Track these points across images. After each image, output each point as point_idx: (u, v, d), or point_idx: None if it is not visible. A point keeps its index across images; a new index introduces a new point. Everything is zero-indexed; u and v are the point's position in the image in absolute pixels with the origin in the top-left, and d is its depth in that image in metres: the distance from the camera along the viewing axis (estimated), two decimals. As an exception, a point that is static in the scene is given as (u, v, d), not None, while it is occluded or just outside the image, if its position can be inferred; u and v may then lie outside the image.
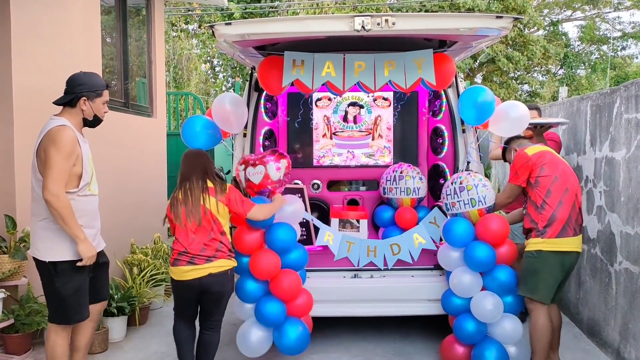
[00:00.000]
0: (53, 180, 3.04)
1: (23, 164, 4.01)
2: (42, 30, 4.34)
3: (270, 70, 3.79)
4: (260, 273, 3.68)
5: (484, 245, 3.74)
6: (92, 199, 3.31)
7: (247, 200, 3.55)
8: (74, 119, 3.22)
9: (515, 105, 4.06)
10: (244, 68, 19.04)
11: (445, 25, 3.33)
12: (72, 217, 3.11)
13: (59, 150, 3.05)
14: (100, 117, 3.33)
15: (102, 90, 3.29)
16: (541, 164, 3.59)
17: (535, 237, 3.59)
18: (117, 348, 4.37)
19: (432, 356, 4.14)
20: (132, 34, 6.08)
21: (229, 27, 3.21)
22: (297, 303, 3.79)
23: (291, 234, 3.76)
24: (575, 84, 21.11)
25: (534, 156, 3.63)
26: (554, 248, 3.52)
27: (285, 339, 3.73)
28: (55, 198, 3.04)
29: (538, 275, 3.56)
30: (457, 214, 3.89)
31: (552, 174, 3.56)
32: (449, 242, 3.90)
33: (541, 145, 3.81)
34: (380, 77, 3.74)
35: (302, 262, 3.88)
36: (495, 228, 3.72)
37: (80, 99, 3.21)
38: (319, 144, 5.02)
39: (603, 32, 22.87)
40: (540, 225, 3.56)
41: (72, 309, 3.21)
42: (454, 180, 3.93)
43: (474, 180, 3.83)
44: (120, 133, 5.44)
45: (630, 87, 3.82)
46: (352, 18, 3.20)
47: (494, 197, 3.87)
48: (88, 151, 3.28)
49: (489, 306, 3.68)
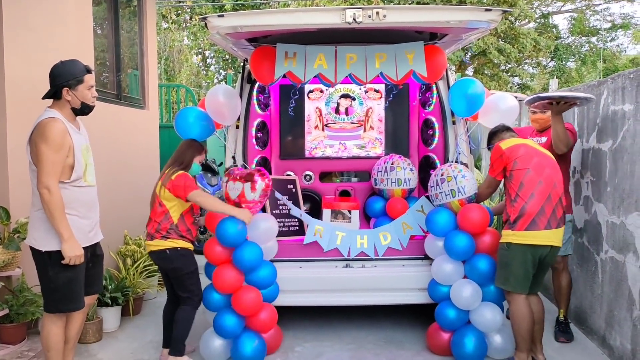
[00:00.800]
0: (45, 173, 3.06)
1: (16, 156, 4.03)
2: (34, 22, 4.34)
3: (262, 60, 3.83)
4: (221, 288, 3.79)
5: (463, 234, 3.82)
6: (89, 189, 3.30)
7: (193, 186, 3.66)
8: (63, 111, 3.22)
9: (504, 97, 4.13)
10: (235, 60, 19.02)
11: (435, 17, 3.38)
12: (61, 214, 3.10)
13: (48, 143, 3.05)
14: (88, 103, 3.27)
15: (82, 76, 3.22)
16: (514, 157, 3.62)
17: (506, 229, 3.65)
18: (112, 337, 4.42)
19: (421, 344, 4.21)
20: (124, 26, 6.07)
21: (222, 19, 3.24)
22: (258, 318, 3.84)
23: (256, 254, 3.76)
24: (566, 77, 21.25)
25: (507, 150, 3.66)
26: (521, 241, 3.55)
27: (240, 352, 3.78)
28: (47, 191, 3.05)
29: (509, 267, 3.60)
30: (441, 205, 3.97)
31: (524, 167, 3.59)
32: (431, 232, 4.01)
33: (517, 139, 3.78)
34: (372, 69, 3.78)
35: (269, 280, 3.89)
36: (474, 218, 3.80)
37: (62, 90, 3.19)
38: (311, 136, 5.07)
39: (593, 23, 23.01)
40: (511, 218, 3.61)
41: (66, 298, 3.23)
42: (437, 173, 4.00)
43: (453, 172, 3.91)
44: (112, 125, 5.46)
45: (617, 79, 3.89)
46: (343, 10, 3.24)
47: (475, 188, 3.94)
48: (82, 142, 3.27)
49: (466, 293, 3.76)
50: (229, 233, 3.67)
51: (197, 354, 3.98)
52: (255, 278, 3.81)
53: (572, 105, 3.97)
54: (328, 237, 4.23)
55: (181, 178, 3.66)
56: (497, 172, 3.73)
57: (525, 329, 3.60)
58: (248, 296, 3.74)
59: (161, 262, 3.77)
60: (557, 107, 3.92)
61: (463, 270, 3.90)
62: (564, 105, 3.92)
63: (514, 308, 3.62)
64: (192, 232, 3.80)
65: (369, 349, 4.17)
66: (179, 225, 3.71)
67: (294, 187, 4.75)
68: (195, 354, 3.98)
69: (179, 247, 3.70)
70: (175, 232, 3.71)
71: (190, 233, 3.78)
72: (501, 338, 3.86)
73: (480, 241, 3.87)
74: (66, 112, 3.24)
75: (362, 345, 4.23)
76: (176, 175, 3.68)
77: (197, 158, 3.86)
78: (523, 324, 3.59)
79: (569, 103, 3.93)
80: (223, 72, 20.88)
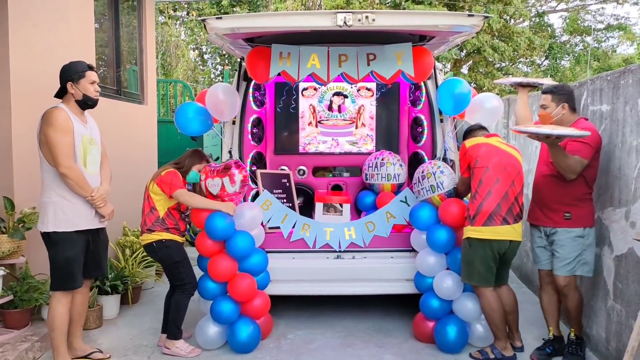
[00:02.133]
0: (60, 155, 3.40)
1: (20, 148, 4.19)
2: (38, 18, 4.49)
3: (258, 60, 4.01)
4: (217, 277, 3.97)
5: (443, 227, 4.02)
6: (90, 177, 3.60)
7: (179, 185, 3.89)
8: (69, 104, 3.58)
9: (489, 97, 4.32)
10: (232, 56, 19.13)
11: (421, 22, 3.57)
12: (86, 183, 3.53)
13: (55, 127, 3.41)
14: (90, 96, 3.59)
15: (84, 72, 3.57)
16: (476, 156, 3.81)
17: (466, 224, 3.83)
18: (111, 324, 4.60)
19: (408, 332, 4.41)
20: (124, 22, 6.22)
21: (220, 21, 3.42)
22: (253, 304, 4.02)
23: (248, 242, 3.95)
24: (560, 76, 21.45)
25: (470, 148, 3.87)
26: (480, 236, 3.72)
27: (237, 337, 3.96)
28: (69, 170, 3.43)
29: (471, 263, 3.78)
30: (423, 201, 4.18)
31: (484, 165, 3.77)
32: (414, 226, 4.21)
33: (481, 138, 3.92)
34: (363, 68, 3.97)
35: (262, 266, 4.07)
36: (454, 211, 3.98)
37: (67, 84, 3.54)
38: (305, 132, 5.25)
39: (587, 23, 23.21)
40: (471, 214, 3.79)
41: (64, 276, 3.55)
42: (418, 171, 4.21)
43: (432, 168, 4.10)
44: (113, 119, 5.61)
45: (596, 81, 4.08)
46: (334, 14, 3.43)
47: (454, 182, 4.11)
48: (85, 132, 3.57)
49: (447, 284, 3.96)
50: (219, 227, 3.87)
51: (193, 340, 4.16)
52: (248, 265, 4.00)
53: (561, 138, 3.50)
54: (315, 234, 4.39)
55: (169, 175, 3.90)
56: (463, 169, 3.95)
57: (498, 320, 3.79)
58: (244, 283, 3.93)
59: (151, 254, 4.09)
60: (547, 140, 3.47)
61: (445, 262, 4.09)
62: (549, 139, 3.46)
63: (483, 301, 3.80)
64: (181, 226, 4.03)
65: (358, 337, 4.36)
66: (166, 220, 3.95)
67: (287, 181, 4.94)
68: (192, 340, 4.17)
69: (164, 239, 3.94)
70: (160, 225, 3.95)
71: (177, 227, 4.00)
72: (482, 327, 4.06)
73: (461, 234, 4.01)
74: (72, 105, 3.59)
75: (351, 333, 4.42)
76: (166, 171, 3.93)
77: (196, 166, 4.08)
78: (494, 315, 3.78)
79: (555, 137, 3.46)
80: (220, 68, 20.98)
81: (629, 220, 3.51)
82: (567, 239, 3.67)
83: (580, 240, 3.67)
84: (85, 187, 3.51)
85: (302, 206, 5.08)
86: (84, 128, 3.59)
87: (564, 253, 3.68)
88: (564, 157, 3.52)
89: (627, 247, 3.52)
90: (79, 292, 3.72)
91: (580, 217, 3.67)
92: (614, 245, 3.70)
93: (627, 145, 3.56)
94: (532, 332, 4.33)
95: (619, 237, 3.65)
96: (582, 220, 3.68)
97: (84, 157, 3.56)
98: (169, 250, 3.95)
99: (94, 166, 3.66)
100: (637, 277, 3.38)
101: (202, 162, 4.09)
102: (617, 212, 3.67)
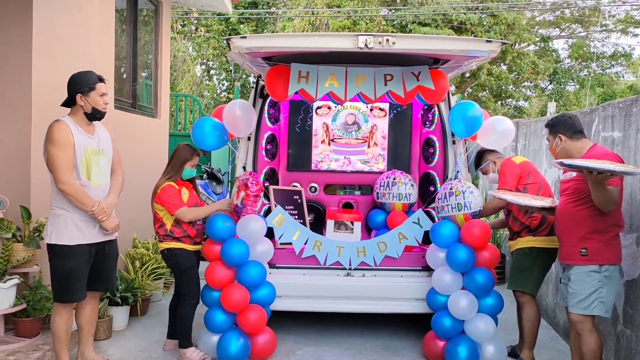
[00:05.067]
0: (59, 171, 3.42)
1: (38, 158, 4.23)
2: (61, 32, 4.58)
3: (277, 78, 4.08)
4: (211, 283, 4.08)
5: (465, 247, 4.04)
6: (94, 190, 3.59)
7: (177, 203, 4.01)
8: (76, 116, 3.58)
9: (502, 120, 4.39)
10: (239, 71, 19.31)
11: (440, 46, 3.66)
12: (87, 197, 3.51)
13: (53, 142, 3.43)
14: (99, 109, 3.59)
15: (95, 84, 3.56)
16: (528, 172, 4.07)
17: (524, 236, 4.09)
18: (121, 336, 4.62)
19: (417, 351, 4.42)
20: (141, 38, 6.33)
21: (244, 41, 3.51)
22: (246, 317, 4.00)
23: (241, 249, 4.02)
24: (564, 100, 21.60)
25: (522, 165, 4.12)
26: (547, 245, 3.99)
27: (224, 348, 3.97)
28: (67, 186, 3.44)
29: (529, 270, 4.07)
30: (446, 217, 4.20)
31: (537, 181, 4.06)
32: (434, 242, 4.22)
33: (521, 156, 4.23)
34: (380, 88, 4.05)
35: (256, 279, 4.05)
36: (477, 232, 4.02)
37: (76, 96, 3.54)
38: (318, 149, 5.32)
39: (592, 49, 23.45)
40: (532, 225, 4.04)
41: (63, 289, 3.57)
42: (445, 186, 4.25)
43: (462, 187, 4.14)
44: (127, 132, 5.68)
45: (608, 107, 4.15)
46: (356, 37, 3.51)
47: (480, 205, 4.17)
48: (89, 144, 3.56)
49: (463, 304, 3.99)
50: (216, 227, 4.02)
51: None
52: (243, 275, 4.02)
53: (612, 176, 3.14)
54: (326, 251, 4.40)
55: (165, 193, 4.03)
56: (510, 185, 4.06)
57: (536, 328, 4.05)
58: (234, 292, 3.97)
59: (164, 261, 4.30)
60: (592, 176, 3.13)
61: (462, 281, 4.12)
62: (599, 175, 3.09)
63: (529, 309, 4.08)
64: (190, 233, 4.11)
65: (367, 355, 4.37)
66: (174, 231, 4.08)
67: (299, 198, 4.99)
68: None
69: (173, 247, 4.07)
70: (170, 236, 4.09)
71: (187, 235, 4.10)
72: (494, 348, 4.06)
73: (480, 255, 4.08)
74: (79, 117, 3.58)
75: (360, 351, 4.43)
76: (161, 188, 4.05)
77: (188, 163, 4.14)
78: (535, 323, 4.04)
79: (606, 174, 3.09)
80: (226, 83, 21.16)
81: (640, 246, 3.55)
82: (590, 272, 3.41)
83: (595, 276, 3.39)
84: (85, 202, 3.50)
85: (312, 223, 5.12)
86: (89, 140, 3.58)
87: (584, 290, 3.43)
88: (605, 192, 3.22)
89: (638, 272, 3.56)
90: (87, 303, 3.74)
91: (591, 248, 3.40)
92: (625, 270, 3.73)
93: (639, 171, 3.61)
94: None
95: (629, 262, 3.68)
96: (600, 253, 3.39)
97: (87, 169, 3.55)
98: (175, 258, 4.09)
99: (100, 178, 3.64)
100: (648, 303, 3.41)
101: (193, 158, 4.15)
102: (628, 237, 3.71)
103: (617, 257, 3.41)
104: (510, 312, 4.58)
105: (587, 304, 3.38)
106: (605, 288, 3.38)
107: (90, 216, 3.56)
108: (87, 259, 3.60)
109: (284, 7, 19.06)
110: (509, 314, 4.66)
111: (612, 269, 3.40)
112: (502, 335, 4.33)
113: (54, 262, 3.57)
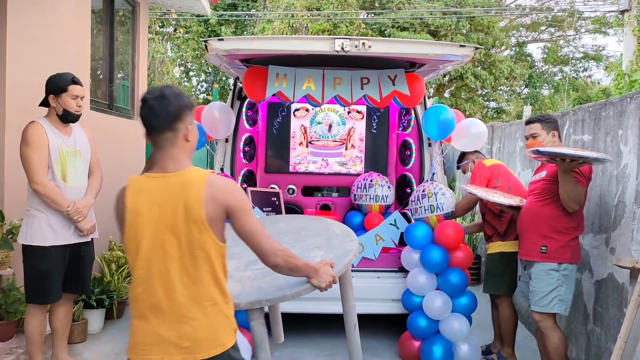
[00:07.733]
0: (32, 171, 3.42)
1: (12, 160, 4.18)
2: (36, 32, 4.53)
3: (254, 80, 4.11)
4: None
5: (438, 248, 4.11)
6: (70, 190, 3.58)
7: None
8: (51, 117, 3.59)
9: (475, 123, 4.47)
10: (218, 72, 19.25)
11: (415, 50, 3.74)
12: (61, 198, 3.49)
13: (27, 143, 3.44)
14: (71, 111, 3.56)
15: (67, 86, 3.54)
16: (497, 175, 4.09)
17: (495, 241, 4.11)
18: (96, 339, 4.57)
19: (394, 351, 4.47)
20: (118, 39, 6.28)
21: (222, 43, 3.53)
22: None
23: None
24: (539, 104, 21.97)
25: (491, 167, 4.14)
26: (514, 249, 3.96)
27: None
28: (41, 186, 3.43)
29: (501, 275, 4.12)
30: (420, 219, 4.26)
31: (506, 184, 4.05)
32: (409, 244, 4.29)
33: (495, 159, 4.26)
34: (357, 91, 4.09)
35: None
36: (450, 233, 4.09)
37: (49, 98, 3.55)
38: (296, 152, 5.35)
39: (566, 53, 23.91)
40: (500, 230, 4.06)
41: (35, 290, 3.56)
42: (419, 188, 4.33)
43: (434, 189, 4.22)
44: (103, 134, 5.63)
45: (578, 111, 4.26)
46: (332, 40, 3.56)
47: (453, 206, 4.24)
48: (64, 145, 3.55)
49: (437, 304, 4.05)
50: None
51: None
52: None
53: (583, 164, 3.23)
54: None
55: None
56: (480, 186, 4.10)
57: (513, 327, 4.12)
58: None
59: None
60: (564, 164, 3.18)
61: (436, 282, 4.18)
62: (571, 163, 3.17)
63: (504, 310, 4.14)
64: None
65: (345, 355, 4.35)
66: None
67: (277, 200, 5.01)
68: None
69: None
70: None
71: None
72: (468, 347, 4.13)
73: (454, 256, 4.14)
74: (53, 118, 3.58)
75: (338, 352, 4.46)
76: None
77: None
78: (511, 323, 4.11)
79: (578, 161, 3.18)
80: (205, 85, 21.08)
81: (609, 247, 3.65)
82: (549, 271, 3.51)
83: (553, 274, 3.47)
84: (59, 202, 3.49)
85: (290, 224, 5.13)
86: (64, 141, 3.57)
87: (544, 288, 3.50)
88: (574, 186, 3.28)
89: (607, 272, 3.66)
90: (60, 305, 3.70)
91: (553, 247, 3.48)
92: (594, 270, 3.83)
93: (607, 174, 3.72)
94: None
95: (598, 262, 3.78)
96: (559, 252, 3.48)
97: (62, 170, 3.54)
98: None
99: (76, 179, 3.63)
100: (616, 302, 3.50)
101: None
102: (598, 238, 3.81)
103: (575, 257, 3.53)
104: (485, 311, 4.67)
105: (546, 301, 3.47)
106: (564, 286, 3.47)
107: (65, 217, 3.54)
108: (61, 260, 3.59)
109: (264, 10, 19.05)
110: (483, 313, 4.74)
111: (571, 267, 3.50)
112: (476, 334, 4.41)
113: (27, 263, 3.55)
